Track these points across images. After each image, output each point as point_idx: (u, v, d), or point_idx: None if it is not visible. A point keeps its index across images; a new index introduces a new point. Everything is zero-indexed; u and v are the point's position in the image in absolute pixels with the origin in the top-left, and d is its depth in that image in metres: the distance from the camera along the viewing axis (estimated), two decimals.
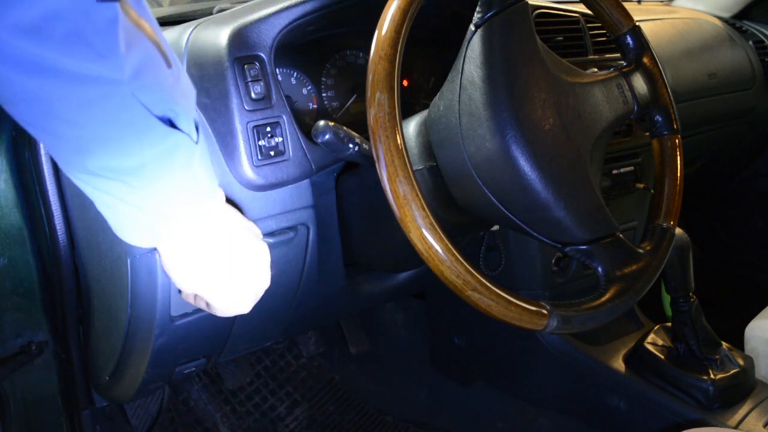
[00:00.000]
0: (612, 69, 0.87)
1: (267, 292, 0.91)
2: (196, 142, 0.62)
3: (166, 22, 1.04)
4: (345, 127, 0.78)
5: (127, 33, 0.51)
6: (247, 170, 0.82)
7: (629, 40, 0.89)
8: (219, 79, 0.83)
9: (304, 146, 0.86)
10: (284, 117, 0.85)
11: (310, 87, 1.04)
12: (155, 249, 0.79)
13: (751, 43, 1.77)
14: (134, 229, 0.63)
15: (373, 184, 0.81)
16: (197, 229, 0.66)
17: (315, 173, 0.88)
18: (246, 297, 0.73)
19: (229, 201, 0.83)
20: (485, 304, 0.68)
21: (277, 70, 1.00)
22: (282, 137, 0.84)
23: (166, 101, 0.57)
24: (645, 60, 0.89)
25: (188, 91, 0.61)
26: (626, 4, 0.92)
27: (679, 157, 0.91)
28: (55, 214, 0.95)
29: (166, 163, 0.58)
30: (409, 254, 0.71)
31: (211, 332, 0.91)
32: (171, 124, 0.58)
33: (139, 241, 0.64)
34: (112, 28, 0.50)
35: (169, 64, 0.57)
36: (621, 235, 0.79)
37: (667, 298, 1.10)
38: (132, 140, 0.55)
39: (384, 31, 0.70)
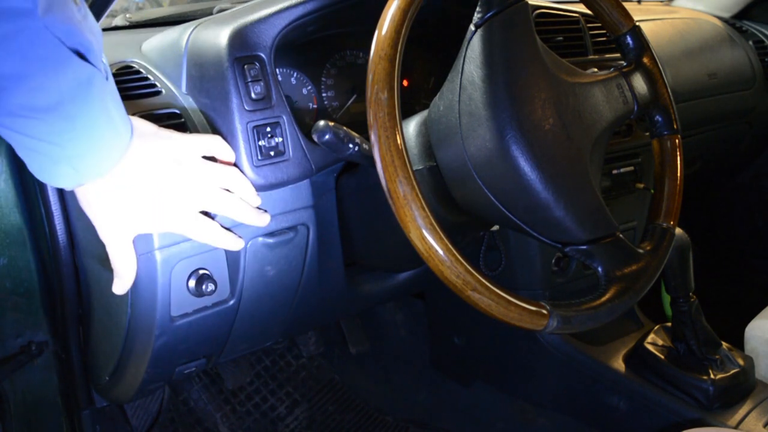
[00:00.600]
0: (612, 69, 0.87)
1: (267, 292, 0.92)
2: (107, 80, 0.64)
3: (166, 22, 1.04)
4: (345, 127, 0.78)
5: None
6: (247, 170, 0.82)
7: (629, 40, 0.89)
8: (219, 79, 0.82)
9: (304, 146, 0.86)
10: (284, 117, 0.85)
11: (310, 87, 1.04)
12: (154, 250, 0.79)
13: (751, 43, 1.77)
14: (56, 169, 0.64)
15: (373, 184, 0.81)
16: (117, 167, 0.67)
17: (315, 173, 0.88)
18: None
19: None
20: (485, 304, 0.68)
21: (277, 70, 1.00)
22: (282, 137, 0.84)
23: (77, 35, 0.59)
24: (645, 60, 0.89)
25: (95, 30, 0.63)
26: (626, 4, 0.92)
27: (679, 157, 0.91)
28: (55, 214, 0.95)
29: (82, 98, 0.60)
30: (409, 254, 0.71)
31: (211, 332, 0.91)
32: (83, 58, 0.60)
33: (62, 182, 0.65)
34: None
35: (76, 2, 0.60)
36: (621, 235, 0.79)
37: (667, 298, 1.10)
38: (49, 74, 0.57)
39: (384, 31, 0.70)
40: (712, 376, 1.03)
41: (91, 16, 0.63)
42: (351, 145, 0.78)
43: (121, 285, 0.77)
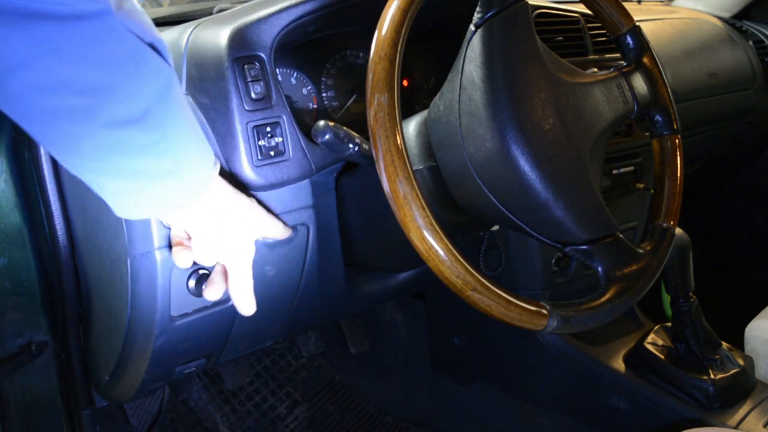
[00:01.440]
0: (612, 69, 0.87)
1: (267, 292, 0.91)
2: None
3: (166, 22, 1.04)
4: (345, 127, 0.78)
5: None
6: (247, 170, 0.82)
7: (629, 40, 0.89)
8: (219, 79, 0.82)
9: (304, 146, 0.86)
10: (284, 117, 0.85)
11: (310, 87, 1.04)
12: (154, 250, 0.79)
13: (751, 43, 1.77)
14: (155, 192, 0.61)
15: (373, 184, 0.81)
16: (214, 185, 0.67)
17: (315, 173, 0.88)
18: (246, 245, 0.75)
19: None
20: (485, 304, 0.68)
21: (277, 70, 1.00)
22: (282, 137, 0.84)
23: (149, 30, 0.57)
24: (645, 60, 0.89)
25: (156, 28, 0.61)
26: (626, 4, 0.92)
27: (679, 157, 0.91)
28: (55, 214, 0.95)
29: (167, 101, 0.57)
30: (409, 254, 0.71)
31: (211, 332, 0.91)
32: (161, 55, 0.58)
33: (167, 205, 0.63)
34: None
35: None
36: (621, 235, 0.79)
37: (667, 298, 1.10)
38: (134, 77, 0.54)
39: (384, 31, 0.70)
40: (712, 376, 1.03)
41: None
42: (351, 145, 0.78)
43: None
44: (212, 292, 0.76)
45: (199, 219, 0.69)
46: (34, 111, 0.53)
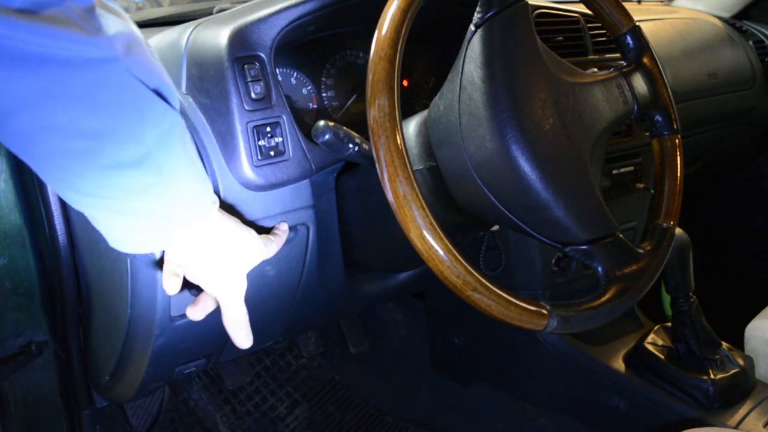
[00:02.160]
0: (612, 69, 0.87)
1: (267, 292, 0.91)
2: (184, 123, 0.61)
3: (166, 22, 1.04)
4: (345, 127, 0.78)
5: (106, 18, 0.52)
6: (247, 170, 0.82)
7: (629, 40, 0.89)
8: (219, 79, 0.82)
9: (304, 146, 0.86)
10: (284, 117, 0.85)
11: (310, 87, 1.04)
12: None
13: (751, 43, 1.77)
14: (146, 230, 0.61)
15: (373, 184, 0.81)
16: (207, 223, 0.67)
17: (315, 173, 0.88)
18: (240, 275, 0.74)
19: (230, 202, 0.83)
20: (485, 304, 0.68)
21: (277, 70, 1.00)
22: (282, 137, 0.84)
23: (156, 75, 0.56)
24: (645, 60, 0.89)
25: (164, 69, 0.61)
26: (626, 4, 0.92)
27: (679, 157, 0.91)
28: (55, 214, 0.95)
29: (167, 145, 0.57)
30: (409, 254, 0.71)
31: (211, 332, 0.91)
32: (164, 100, 0.58)
33: (153, 243, 0.63)
34: (92, 13, 0.51)
35: (147, 44, 0.57)
36: (621, 235, 0.79)
37: (667, 298, 1.10)
38: (136, 123, 0.54)
39: (384, 31, 0.70)
40: (712, 376, 1.03)
41: (156, 55, 0.61)
42: (351, 145, 0.78)
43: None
44: (195, 313, 0.75)
45: (192, 252, 0.69)
46: (34, 149, 0.53)
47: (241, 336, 0.76)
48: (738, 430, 0.99)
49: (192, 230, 0.66)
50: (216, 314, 0.88)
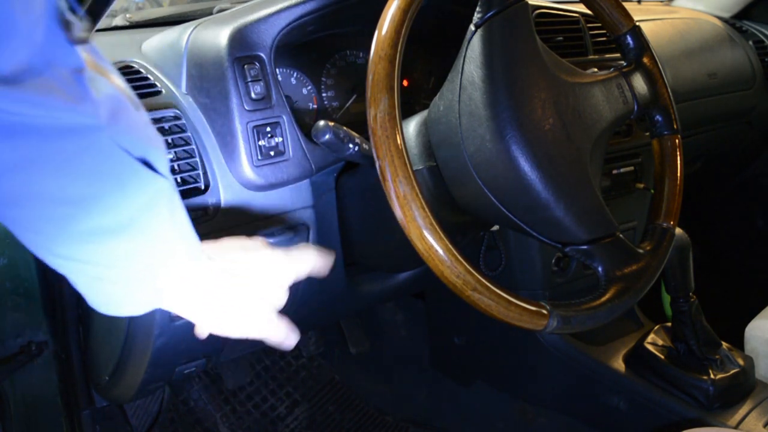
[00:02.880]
0: (612, 69, 0.87)
1: None
2: (173, 190, 0.58)
3: (166, 22, 1.04)
4: (345, 127, 0.78)
5: (93, 81, 0.50)
6: (247, 170, 0.82)
7: (629, 40, 0.89)
8: (219, 79, 0.82)
9: (304, 146, 0.86)
10: (284, 117, 0.85)
11: (310, 87, 1.04)
12: None
13: (751, 43, 1.77)
14: (130, 295, 0.59)
15: (373, 184, 0.81)
16: (194, 281, 0.62)
17: (315, 173, 0.88)
18: (266, 315, 0.70)
19: (230, 202, 0.83)
20: (485, 304, 0.68)
21: (277, 70, 1.00)
22: (282, 137, 0.84)
23: (143, 143, 0.54)
24: (645, 60, 0.89)
25: (156, 136, 0.58)
26: (626, 4, 0.91)
27: (679, 157, 0.91)
28: None
29: (152, 214, 0.55)
30: (409, 254, 0.71)
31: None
32: (151, 167, 0.55)
33: (139, 307, 0.60)
34: (80, 76, 0.48)
35: (136, 109, 0.55)
36: (621, 235, 0.79)
37: (667, 298, 1.10)
38: (119, 191, 0.52)
39: (384, 31, 0.70)
40: (712, 376, 1.03)
41: (151, 123, 0.58)
42: (351, 145, 0.78)
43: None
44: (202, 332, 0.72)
45: (197, 310, 0.65)
46: (13, 214, 0.52)
47: (291, 339, 0.73)
48: (738, 430, 0.99)
49: (182, 291, 0.62)
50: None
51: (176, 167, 0.80)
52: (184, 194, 0.80)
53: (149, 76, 0.88)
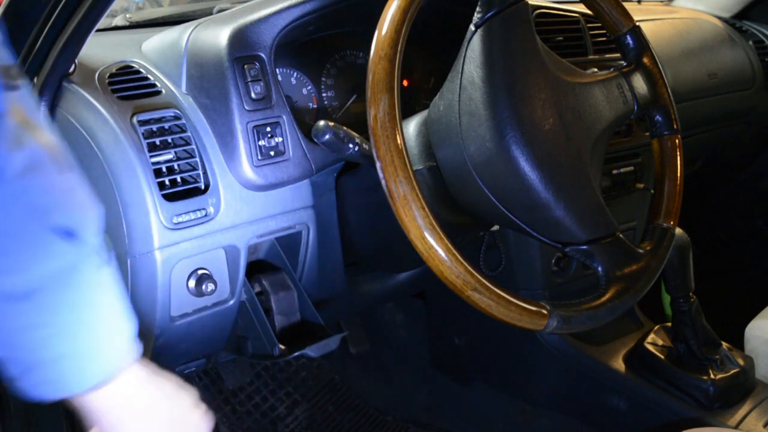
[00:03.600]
0: (612, 69, 0.87)
1: None
2: (103, 265, 0.52)
3: (166, 22, 1.04)
4: (345, 127, 0.78)
5: (14, 131, 0.47)
6: (247, 170, 0.82)
7: (629, 40, 0.89)
8: (219, 79, 0.82)
9: (304, 146, 0.86)
10: (284, 117, 0.85)
11: (310, 87, 1.04)
12: (154, 250, 0.79)
13: (751, 43, 1.77)
14: (37, 375, 0.51)
15: (373, 184, 0.81)
16: (126, 381, 0.55)
17: (315, 173, 0.88)
18: None
19: (230, 202, 0.83)
20: (485, 304, 0.68)
21: (277, 70, 1.00)
22: (282, 137, 0.84)
23: (61, 209, 0.50)
24: (645, 60, 0.89)
25: (89, 204, 0.52)
26: (626, 4, 0.92)
27: (679, 157, 0.91)
28: None
29: (66, 288, 0.50)
30: (409, 254, 0.71)
31: (211, 332, 0.91)
32: (71, 236, 0.50)
33: (44, 391, 0.52)
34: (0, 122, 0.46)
35: (61, 171, 0.51)
36: (621, 235, 0.79)
37: (667, 298, 1.10)
38: (23, 254, 0.48)
39: (384, 31, 0.70)
40: (712, 376, 1.03)
41: (86, 190, 0.52)
42: (351, 145, 0.78)
43: None
44: None
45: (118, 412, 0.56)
46: None
47: None
48: (738, 430, 0.99)
49: (101, 382, 0.54)
50: (216, 315, 0.88)
51: (176, 167, 0.80)
52: (185, 194, 0.80)
53: (149, 76, 0.88)
